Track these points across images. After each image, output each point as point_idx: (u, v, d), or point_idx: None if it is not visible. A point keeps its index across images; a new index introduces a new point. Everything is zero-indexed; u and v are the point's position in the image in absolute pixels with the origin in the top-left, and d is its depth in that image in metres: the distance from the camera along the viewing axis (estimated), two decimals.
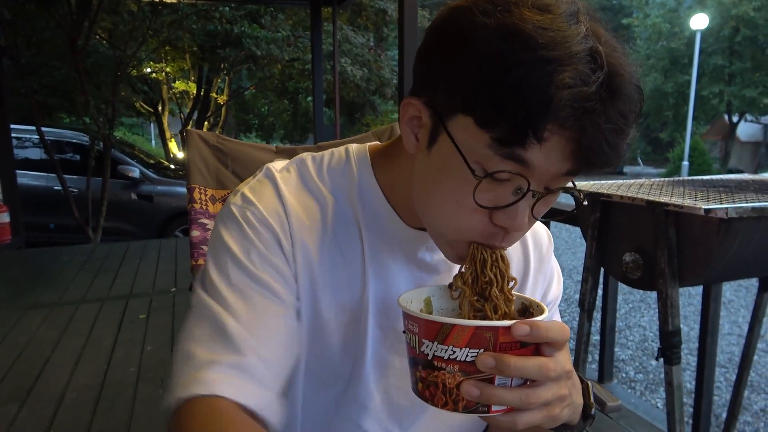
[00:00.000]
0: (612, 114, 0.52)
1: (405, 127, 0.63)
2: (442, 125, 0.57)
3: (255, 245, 0.65)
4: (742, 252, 1.19)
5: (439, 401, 0.54)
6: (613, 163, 0.55)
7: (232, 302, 0.62)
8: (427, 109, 0.59)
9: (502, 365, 0.51)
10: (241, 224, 0.66)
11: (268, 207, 0.67)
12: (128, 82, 9.92)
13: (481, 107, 0.53)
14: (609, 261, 1.46)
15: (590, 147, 0.52)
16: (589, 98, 0.50)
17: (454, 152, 0.56)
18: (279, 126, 16.44)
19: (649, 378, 4.25)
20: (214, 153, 1.43)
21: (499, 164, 0.54)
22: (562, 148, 0.53)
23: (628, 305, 5.88)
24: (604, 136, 0.52)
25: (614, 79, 0.52)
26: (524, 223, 0.58)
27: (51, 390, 2.66)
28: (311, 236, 0.68)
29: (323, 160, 0.74)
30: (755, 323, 1.69)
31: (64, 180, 6.36)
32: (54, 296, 4.14)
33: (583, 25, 0.52)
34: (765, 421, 3.66)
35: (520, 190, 0.56)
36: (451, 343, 0.52)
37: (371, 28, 12.18)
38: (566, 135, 0.52)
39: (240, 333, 0.60)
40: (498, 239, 0.60)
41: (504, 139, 0.52)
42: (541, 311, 0.59)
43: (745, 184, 1.50)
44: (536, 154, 0.53)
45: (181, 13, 8.40)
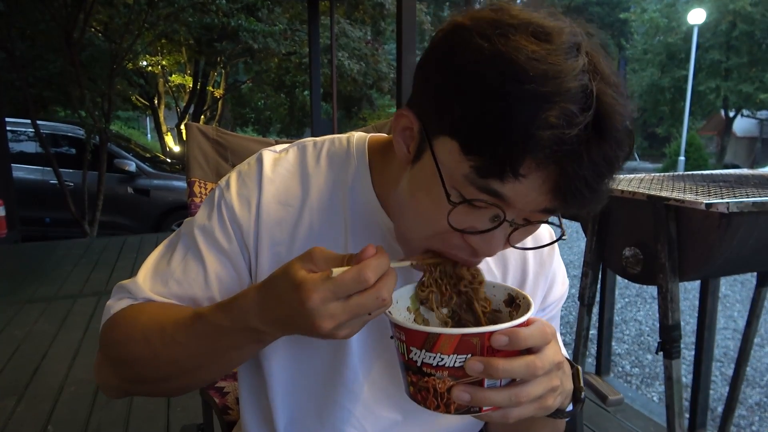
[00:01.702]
0: (595, 157, 0.50)
1: (397, 137, 0.63)
2: (428, 143, 0.57)
3: (216, 235, 0.71)
4: (742, 246, 1.19)
5: (431, 405, 0.55)
6: (592, 205, 0.54)
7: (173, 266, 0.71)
8: (418, 123, 0.59)
9: (491, 369, 0.52)
10: (213, 208, 0.72)
11: (242, 196, 0.71)
12: (124, 75, 9.87)
13: (465, 133, 0.52)
14: (609, 255, 1.46)
15: (568, 189, 0.51)
16: (572, 141, 0.48)
17: (434, 172, 0.56)
18: (276, 120, 16.41)
19: (645, 372, 4.28)
20: (214, 147, 1.42)
21: (475, 193, 0.54)
22: (539, 187, 0.52)
23: (625, 300, 5.91)
24: (585, 180, 0.50)
25: (603, 121, 0.50)
26: (498, 249, 0.58)
27: (49, 384, 2.66)
28: (287, 221, 0.71)
29: (323, 146, 0.75)
30: (753, 318, 1.70)
31: (60, 174, 6.33)
32: (51, 290, 4.13)
33: (582, 59, 0.51)
34: (760, 414, 3.69)
35: (497, 218, 0.55)
36: (439, 351, 0.52)
37: (368, 22, 12.14)
38: (544, 175, 0.51)
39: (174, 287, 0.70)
40: (465, 254, 0.60)
41: (482, 169, 0.52)
42: (528, 305, 0.59)
43: (745, 179, 1.50)
44: (513, 189, 0.52)
45: (177, 6, 8.34)
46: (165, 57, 11.38)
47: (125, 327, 0.67)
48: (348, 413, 0.73)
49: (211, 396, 1.19)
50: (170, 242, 0.75)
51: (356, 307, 0.52)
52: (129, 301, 0.70)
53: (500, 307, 0.65)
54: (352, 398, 0.73)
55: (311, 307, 0.51)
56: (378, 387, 0.74)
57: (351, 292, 0.51)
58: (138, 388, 0.69)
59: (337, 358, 0.72)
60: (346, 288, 0.51)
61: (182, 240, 0.73)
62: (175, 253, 0.72)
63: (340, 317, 0.52)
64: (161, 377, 0.66)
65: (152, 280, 0.71)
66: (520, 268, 0.78)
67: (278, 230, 0.71)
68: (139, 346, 0.65)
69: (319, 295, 0.51)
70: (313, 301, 0.51)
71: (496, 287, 0.65)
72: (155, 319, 0.66)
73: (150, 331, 0.65)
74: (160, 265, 0.72)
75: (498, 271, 0.77)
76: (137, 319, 0.67)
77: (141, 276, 0.71)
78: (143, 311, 0.68)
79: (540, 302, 0.80)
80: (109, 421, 2.36)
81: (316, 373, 0.73)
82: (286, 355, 0.73)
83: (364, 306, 0.52)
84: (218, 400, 1.19)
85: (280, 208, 0.71)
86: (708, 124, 26.65)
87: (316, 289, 0.51)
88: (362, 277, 0.51)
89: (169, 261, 0.72)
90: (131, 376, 0.68)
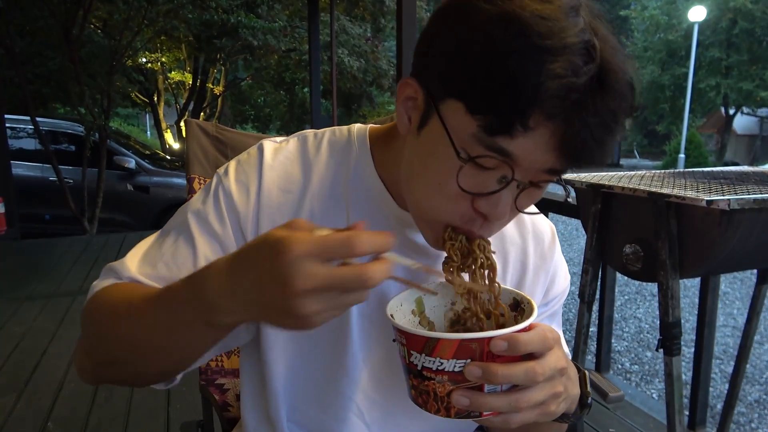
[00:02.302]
0: (601, 109, 0.51)
1: (400, 107, 0.63)
2: (435, 107, 0.58)
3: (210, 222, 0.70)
4: (743, 243, 1.19)
5: (432, 408, 0.55)
6: (597, 160, 0.54)
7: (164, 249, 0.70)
8: (422, 90, 0.60)
9: (489, 375, 0.52)
10: (210, 195, 0.72)
11: (240, 183, 0.71)
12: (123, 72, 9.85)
13: (472, 93, 0.53)
14: (609, 252, 1.46)
15: (575, 141, 0.52)
16: (578, 90, 0.50)
17: (442, 135, 0.57)
18: (275, 117, 16.40)
19: (644, 369, 4.28)
20: (214, 143, 1.42)
21: (483, 152, 0.54)
22: (546, 141, 0.52)
23: (624, 297, 5.92)
24: (591, 131, 0.51)
25: (607, 74, 0.51)
26: (505, 212, 0.58)
27: (49, 381, 2.66)
28: (288, 206, 0.71)
29: (324, 135, 0.76)
30: (753, 315, 1.69)
31: (59, 171, 6.33)
32: (50, 287, 4.13)
33: (583, 19, 0.52)
34: (759, 412, 3.70)
35: (504, 178, 0.56)
36: (438, 355, 0.52)
37: (368, 19, 12.12)
38: (551, 127, 0.51)
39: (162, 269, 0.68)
40: (476, 226, 0.60)
41: (490, 127, 0.52)
42: (531, 310, 0.59)
43: (746, 175, 1.50)
44: (521, 145, 0.52)
45: (176, 3, 8.33)
46: (164, 54, 11.36)
47: (99, 304, 0.66)
48: (349, 401, 0.74)
49: (211, 393, 1.19)
50: (164, 229, 0.74)
51: (337, 277, 0.45)
52: (113, 281, 0.68)
53: (505, 312, 0.64)
54: (353, 386, 0.73)
55: (289, 261, 0.44)
56: (378, 375, 0.74)
57: (335, 254, 0.45)
58: (108, 371, 0.66)
59: (338, 346, 0.72)
60: (331, 248, 0.45)
61: (175, 225, 0.72)
62: (167, 238, 0.71)
63: (317, 279, 0.45)
64: (123, 358, 0.63)
65: (141, 262, 0.69)
66: (520, 262, 0.78)
67: (279, 216, 0.70)
68: (105, 322, 0.64)
69: (301, 247, 0.44)
70: (293, 252, 0.44)
71: (502, 291, 0.65)
72: (127, 296, 0.64)
73: (118, 307, 0.63)
74: (152, 249, 0.71)
75: (498, 264, 0.77)
76: (111, 295, 0.65)
77: (129, 257, 0.70)
78: (120, 289, 0.66)
79: (541, 297, 0.80)
80: (109, 418, 2.36)
81: (317, 361, 0.73)
82: (288, 343, 0.73)
83: (345, 279, 0.46)
84: (218, 397, 1.19)
85: (280, 194, 0.71)
86: (708, 122, 26.64)
87: (298, 241, 0.45)
88: (351, 242, 0.45)
89: (160, 245, 0.71)
90: (100, 357, 0.65)
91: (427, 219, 0.63)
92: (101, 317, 0.65)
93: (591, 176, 1.44)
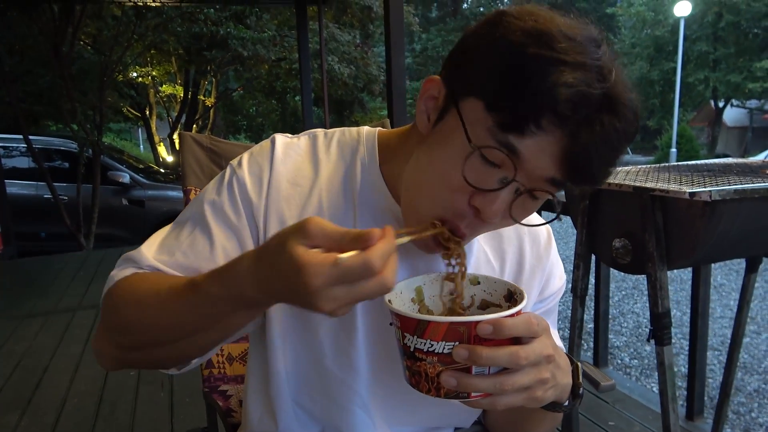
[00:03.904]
0: (607, 126, 0.55)
1: (421, 104, 0.68)
2: (455, 103, 0.62)
3: (226, 211, 0.73)
4: (726, 233, 1.22)
5: (423, 388, 0.58)
6: (597, 176, 0.58)
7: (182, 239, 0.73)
8: (445, 89, 0.64)
9: (475, 356, 0.55)
10: (224, 185, 0.74)
11: (253, 174, 0.74)
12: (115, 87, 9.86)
13: (493, 91, 0.58)
14: (599, 247, 1.49)
15: (579, 152, 0.56)
16: (589, 101, 0.55)
17: (455, 127, 0.61)
18: (268, 126, 16.41)
19: (644, 363, 4.31)
20: (209, 155, 1.44)
21: (492, 151, 0.58)
22: (553, 148, 0.56)
23: (622, 293, 5.95)
24: (596, 145, 0.56)
25: (617, 97, 0.56)
26: (498, 212, 0.61)
27: (51, 397, 2.67)
28: (296, 199, 0.74)
29: (334, 135, 0.79)
30: (744, 303, 1.73)
31: (54, 188, 6.32)
32: (49, 304, 4.13)
33: (603, 51, 0.58)
34: (759, 401, 3.72)
35: (505, 179, 0.59)
36: (429, 337, 0.55)
37: (357, 26, 12.17)
38: (560, 134, 0.56)
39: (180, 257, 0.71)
40: (464, 223, 0.63)
41: (504, 123, 0.57)
42: (522, 299, 0.62)
43: (728, 167, 1.53)
44: (529, 146, 0.56)
45: (165, 17, 8.35)
46: (155, 67, 11.38)
47: (123, 293, 0.68)
48: (353, 392, 0.76)
49: (215, 399, 1.21)
50: (178, 219, 0.76)
51: (360, 293, 0.51)
52: (133, 270, 0.71)
53: (500, 302, 0.67)
54: (357, 378, 0.75)
55: (315, 291, 0.49)
56: (381, 368, 0.76)
57: (357, 279, 0.50)
58: (132, 355, 0.69)
59: (343, 338, 0.75)
60: (352, 275, 0.49)
61: (191, 215, 0.75)
62: (184, 228, 0.74)
63: (342, 300, 0.50)
64: (154, 342, 0.66)
65: (158, 251, 0.72)
66: (517, 262, 0.81)
67: (287, 208, 0.73)
68: (133, 311, 0.66)
69: (324, 280, 0.49)
70: (317, 285, 0.49)
71: (497, 282, 0.68)
72: (152, 285, 0.66)
73: (145, 296, 0.65)
74: (168, 238, 0.74)
75: (496, 263, 0.80)
76: (135, 285, 0.68)
77: (146, 246, 0.73)
78: (143, 279, 0.69)
79: (537, 295, 0.83)
80: (113, 431, 2.38)
81: (323, 353, 0.75)
82: (295, 336, 0.75)
83: (368, 292, 0.51)
84: (222, 403, 1.21)
85: (289, 186, 0.74)
86: (698, 116, 26.78)
87: (321, 273, 0.49)
88: (370, 265, 0.49)
89: (177, 235, 0.73)
90: (126, 343, 0.68)
91: (418, 213, 0.66)
92: (126, 306, 0.67)
93: None
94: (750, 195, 1.17)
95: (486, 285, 0.68)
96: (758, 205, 1.22)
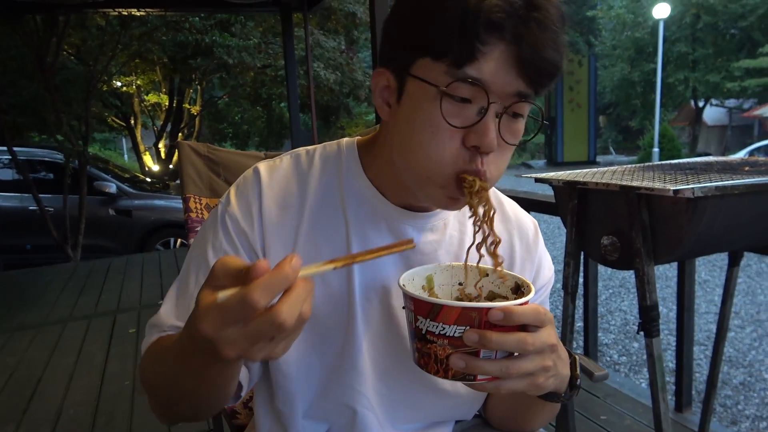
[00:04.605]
0: (540, 17, 0.60)
1: (377, 98, 0.72)
2: (406, 72, 0.66)
3: (224, 248, 0.75)
4: (709, 228, 1.27)
5: (432, 369, 0.62)
6: (558, 65, 0.62)
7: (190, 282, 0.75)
8: (391, 72, 0.69)
9: (485, 340, 0.58)
10: (217, 224, 0.76)
11: (242, 207, 0.76)
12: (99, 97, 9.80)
13: (431, 41, 0.63)
14: (588, 245, 1.54)
15: (531, 50, 0.60)
16: (513, 2, 0.59)
17: (418, 89, 0.65)
18: (254, 133, 16.35)
19: (632, 360, 4.37)
20: (206, 163, 1.47)
21: (457, 87, 0.62)
22: (506, 60, 0.61)
23: (609, 291, 6.03)
24: (540, 38, 0.60)
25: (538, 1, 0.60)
26: (494, 140, 0.64)
27: (47, 409, 2.66)
28: (285, 223, 0.76)
29: (315, 151, 0.81)
30: (727, 296, 1.79)
31: (39, 199, 6.27)
32: (39, 316, 4.10)
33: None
34: (745, 394, 3.80)
35: (483, 108, 0.63)
36: (441, 321, 0.59)
37: (341, 32, 12.21)
38: (504, 44, 0.60)
39: (177, 315, 0.74)
40: (478, 162, 0.65)
41: (456, 61, 0.61)
42: (529, 291, 0.65)
43: (709, 165, 1.60)
44: (486, 69, 0.61)
45: (150, 26, 8.33)
46: (139, 76, 11.32)
47: (145, 361, 0.72)
48: (358, 394, 0.78)
49: None
50: (183, 271, 0.78)
51: (254, 333, 0.46)
52: (157, 335, 0.74)
53: (507, 293, 0.71)
54: (361, 380, 0.78)
55: (206, 336, 0.47)
56: (384, 368, 0.79)
57: (240, 317, 0.45)
58: (170, 411, 0.71)
59: (347, 342, 0.77)
60: (233, 314, 0.45)
61: (192, 264, 0.77)
62: (190, 278, 0.76)
63: (241, 344, 0.47)
64: (175, 402, 0.67)
65: (176, 309, 0.75)
66: (509, 255, 0.85)
67: (283, 233, 0.75)
68: (150, 374, 0.70)
69: (210, 324, 0.46)
70: (205, 329, 0.47)
71: (506, 275, 0.71)
72: (159, 349, 0.70)
73: (157, 359, 0.69)
74: (180, 294, 0.76)
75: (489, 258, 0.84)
76: (152, 352, 0.72)
77: (164, 309, 0.76)
78: (158, 344, 0.72)
79: None
80: None
81: (330, 357, 0.78)
82: (303, 342, 0.77)
83: (260, 332, 0.46)
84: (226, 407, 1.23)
85: (280, 211, 0.76)
86: (679, 115, 27.17)
87: (205, 316, 0.47)
88: (247, 301, 0.44)
89: (186, 288, 0.76)
90: (159, 402, 0.70)
91: (433, 177, 0.67)
92: (149, 373, 0.71)
93: (567, 174, 1.53)
94: (731, 191, 1.23)
95: (494, 277, 0.72)
96: (739, 200, 1.28)
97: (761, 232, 1.45)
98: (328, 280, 0.76)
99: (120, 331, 3.69)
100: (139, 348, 3.29)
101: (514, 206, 0.89)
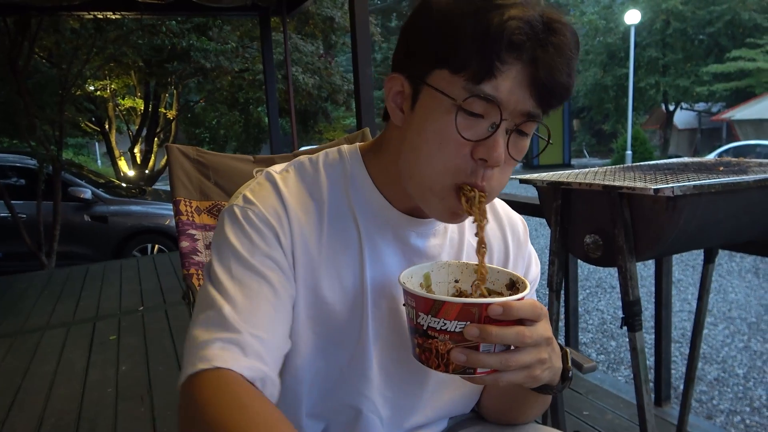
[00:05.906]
0: (557, 42, 0.63)
1: (390, 103, 0.73)
2: (423, 82, 0.68)
3: (255, 242, 0.71)
4: (687, 226, 1.33)
5: (433, 364, 0.64)
6: (570, 88, 0.65)
7: (232, 292, 0.68)
8: (406, 79, 0.70)
9: (485, 333, 0.60)
10: (242, 223, 0.72)
11: (267, 206, 0.74)
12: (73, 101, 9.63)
13: (451, 54, 0.64)
14: (572, 243, 1.58)
15: (545, 73, 0.63)
16: (535, 25, 0.62)
17: (434, 99, 0.67)
18: (231, 138, 16.21)
19: (610, 358, 4.46)
20: (196, 166, 1.48)
21: (473, 103, 0.65)
22: (521, 78, 0.63)
23: (586, 291, 6.14)
24: (556, 61, 0.63)
25: (553, 18, 0.63)
26: (501, 155, 0.66)
27: (28, 418, 2.61)
28: (310, 230, 0.75)
29: (319, 159, 0.82)
30: (703, 292, 1.85)
31: (12, 206, 6.13)
32: (15, 324, 4.02)
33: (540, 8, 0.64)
34: (719, 389, 3.91)
35: (494, 124, 0.66)
36: (443, 317, 0.61)
37: (319, 36, 12.21)
38: (521, 64, 0.63)
39: (235, 317, 0.66)
40: (479, 176, 0.68)
41: (474, 76, 0.63)
42: (525, 287, 0.69)
43: (686, 166, 1.66)
44: (502, 87, 0.63)
45: (126, 29, 8.22)
46: (113, 80, 11.15)
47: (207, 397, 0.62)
48: (364, 398, 0.80)
49: None
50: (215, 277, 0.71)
51: None
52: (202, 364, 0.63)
53: (502, 290, 0.74)
54: (368, 384, 0.79)
55: None
56: (390, 374, 0.81)
57: None
58: None
59: (358, 350, 0.78)
60: None
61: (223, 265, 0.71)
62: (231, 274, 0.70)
63: None
64: None
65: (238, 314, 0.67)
66: (503, 252, 0.89)
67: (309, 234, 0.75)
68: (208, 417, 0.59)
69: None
70: None
71: (500, 272, 0.74)
72: None
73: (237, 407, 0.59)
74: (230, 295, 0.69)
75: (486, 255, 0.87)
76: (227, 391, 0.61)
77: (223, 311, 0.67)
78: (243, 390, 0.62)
79: None
80: None
81: (340, 363, 0.78)
82: (315, 349, 0.77)
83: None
84: None
85: (304, 216, 0.75)
86: (651, 119, 27.77)
87: None
88: None
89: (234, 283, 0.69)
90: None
91: (435, 188, 0.69)
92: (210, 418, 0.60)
93: (550, 175, 1.57)
94: (708, 190, 1.29)
95: (489, 274, 0.74)
96: (715, 199, 1.34)
97: (735, 230, 1.51)
98: (345, 285, 0.77)
99: (100, 338, 3.63)
100: (120, 355, 3.28)
101: (504, 206, 0.93)
